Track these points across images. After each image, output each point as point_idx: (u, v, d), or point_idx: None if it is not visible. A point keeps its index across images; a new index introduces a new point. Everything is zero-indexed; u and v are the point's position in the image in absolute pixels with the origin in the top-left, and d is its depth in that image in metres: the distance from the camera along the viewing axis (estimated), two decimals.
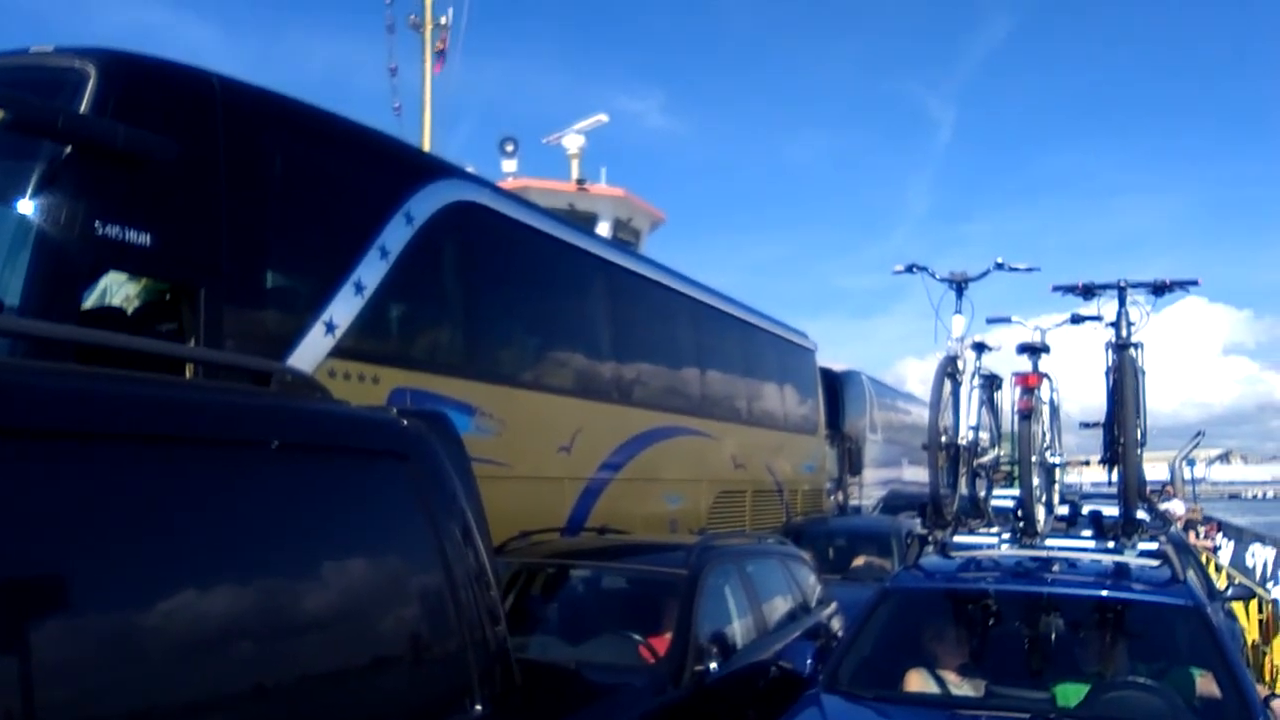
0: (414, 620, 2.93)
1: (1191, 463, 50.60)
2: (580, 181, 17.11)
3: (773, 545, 8.21)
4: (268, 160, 6.25)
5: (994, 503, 7.35)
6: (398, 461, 3.03)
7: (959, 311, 6.81)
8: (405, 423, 3.17)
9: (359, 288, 6.73)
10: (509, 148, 17.31)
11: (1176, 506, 30.41)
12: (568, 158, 18.18)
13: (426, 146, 16.35)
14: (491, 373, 8.23)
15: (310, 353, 6.28)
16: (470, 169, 9.73)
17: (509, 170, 16.92)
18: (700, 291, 12.99)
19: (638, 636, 5.83)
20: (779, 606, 7.29)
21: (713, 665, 5.62)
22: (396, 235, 7.13)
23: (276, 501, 2.58)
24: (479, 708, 2.98)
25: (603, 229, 15.91)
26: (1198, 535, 23.53)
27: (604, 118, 19.12)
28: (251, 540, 2.49)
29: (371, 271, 6.85)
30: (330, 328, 6.45)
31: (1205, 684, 5.01)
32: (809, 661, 5.41)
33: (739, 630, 6.42)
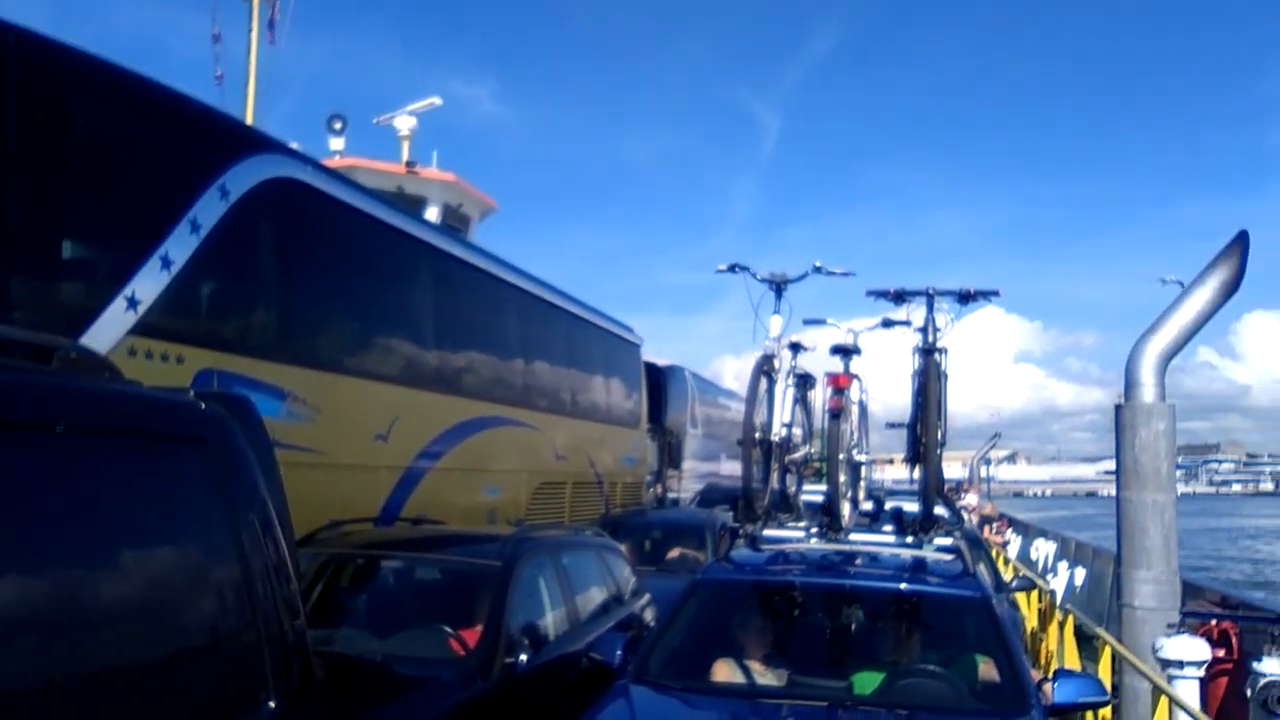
0: (204, 613, 2.79)
1: (988, 462, 53.86)
2: (410, 164, 16.72)
3: (589, 537, 8.25)
4: (67, 122, 5.86)
5: (804, 498, 7.60)
6: (193, 447, 2.88)
7: (777, 312, 7.01)
8: (203, 406, 3.02)
9: (166, 263, 6.39)
10: (337, 125, 16.75)
11: (973, 500, 32.27)
12: (399, 139, 17.74)
13: (249, 119, 15.63)
14: (306, 356, 7.97)
15: (109, 329, 5.93)
16: (295, 145, 9.40)
17: (336, 148, 16.39)
18: (528, 282, 12.92)
19: (449, 629, 5.76)
20: (593, 598, 7.33)
21: (523, 657, 5.60)
22: (209, 209, 6.81)
23: (53, 487, 2.42)
24: (273, 703, 2.88)
25: (432, 214, 15.63)
26: (991, 530, 25.05)
27: (437, 100, 18.74)
28: (28, 528, 2.32)
29: (180, 246, 6.52)
30: (132, 303, 6.10)
31: (987, 669, 5.32)
32: (619, 653, 5.45)
33: (552, 622, 6.42)
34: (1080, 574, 18.41)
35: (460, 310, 11.00)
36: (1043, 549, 23.34)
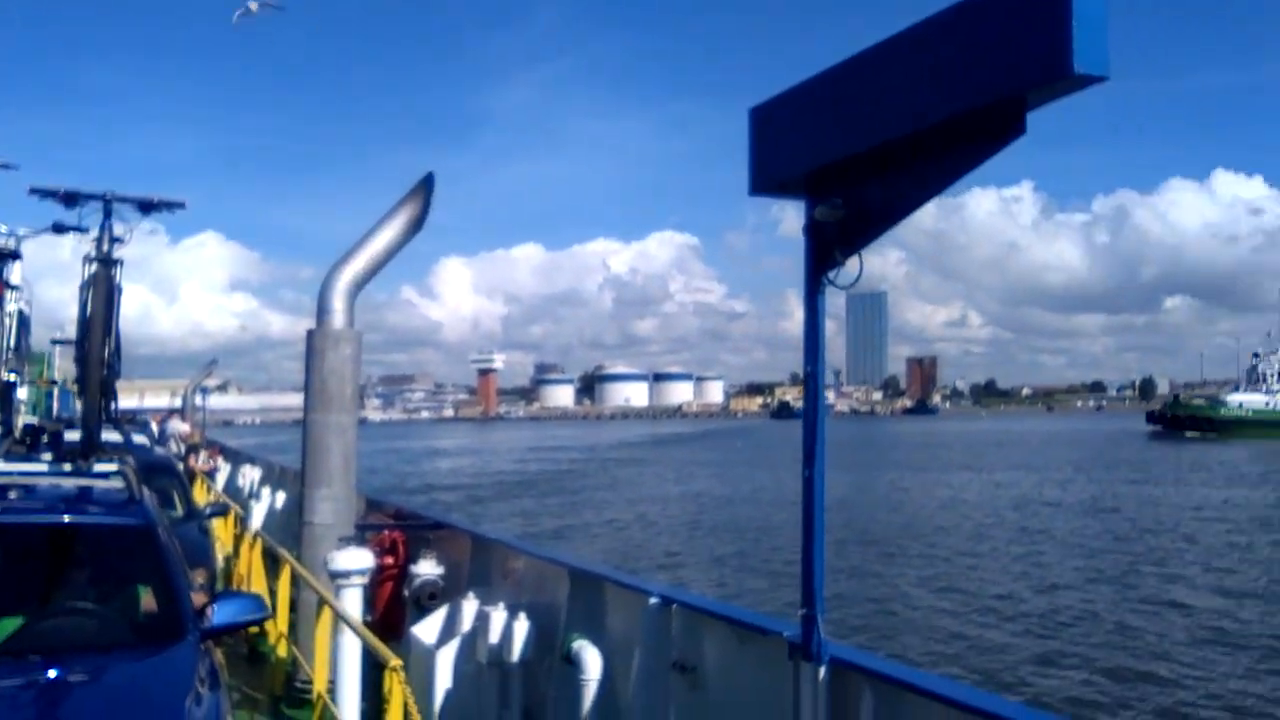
0: None
1: (205, 391, 52.88)
2: None
3: None
4: None
5: None
6: None
7: None
8: None
9: None
10: None
11: (184, 428, 31.27)
12: None
13: None
14: None
15: None
16: None
17: None
18: None
19: None
20: None
21: None
22: None
23: None
24: None
25: None
26: (198, 459, 24.50)
27: None
28: None
29: None
30: None
31: (150, 599, 5.08)
32: None
33: None
34: (281, 497, 18.85)
35: None
36: (250, 475, 23.47)
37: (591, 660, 5.82)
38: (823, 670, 3.88)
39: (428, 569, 7.99)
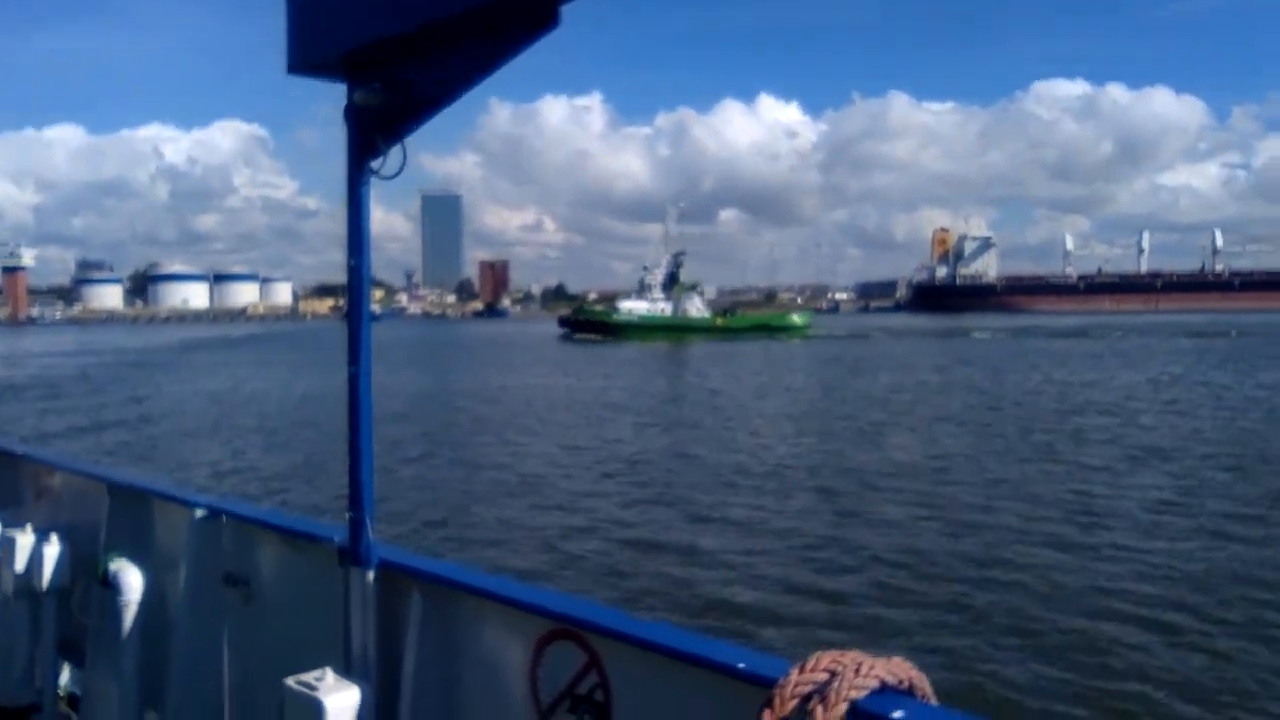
0: None
1: None
2: None
3: None
4: None
5: None
6: None
7: None
8: None
9: None
10: None
11: None
12: None
13: None
14: None
15: None
16: None
17: None
18: None
19: None
20: None
21: None
22: None
23: None
24: None
25: None
26: None
27: None
28: None
29: None
30: None
31: None
32: None
33: None
34: None
35: None
36: None
37: (132, 580, 5.50)
38: (371, 574, 3.90)
39: None
